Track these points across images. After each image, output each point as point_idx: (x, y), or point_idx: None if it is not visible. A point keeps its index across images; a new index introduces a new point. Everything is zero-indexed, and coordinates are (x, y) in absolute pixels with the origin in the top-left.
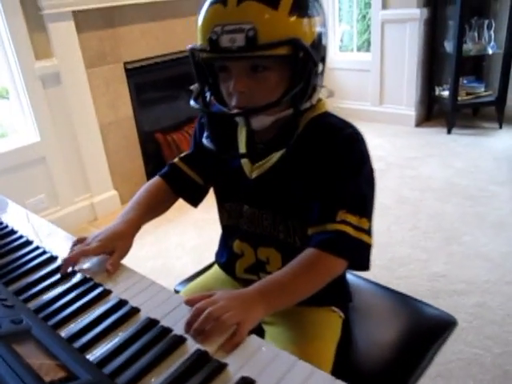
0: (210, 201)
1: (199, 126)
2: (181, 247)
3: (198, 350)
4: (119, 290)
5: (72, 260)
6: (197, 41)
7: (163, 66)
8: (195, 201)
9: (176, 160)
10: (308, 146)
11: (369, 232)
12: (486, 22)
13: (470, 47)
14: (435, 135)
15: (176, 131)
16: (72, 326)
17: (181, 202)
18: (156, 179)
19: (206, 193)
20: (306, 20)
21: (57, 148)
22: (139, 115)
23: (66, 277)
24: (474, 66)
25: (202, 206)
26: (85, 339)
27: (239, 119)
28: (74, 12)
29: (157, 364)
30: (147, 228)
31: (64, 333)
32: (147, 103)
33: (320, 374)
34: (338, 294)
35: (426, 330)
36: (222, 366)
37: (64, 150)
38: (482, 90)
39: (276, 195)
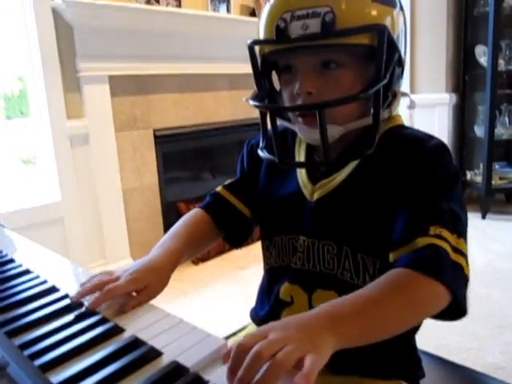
0: (233, 271)
1: (247, 149)
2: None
3: None
4: (135, 328)
5: (96, 305)
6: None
7: (191, 137)
8: (239, 238)
9: (219, 188)
10: (385, 159)
11: (467, 259)
12: None
13: (501, 131)
14: (470, 220)
15: (199, 203)
16: (67, 369)
17: (199, 271)
18: (195, 210)
19: (251, 230)
20: (390, 9)
21: (77, 209)
22: (164, 184)
23: (67, 310)
24: (506, 151)
25: (224, 276)
26: None
27: (300, 129)
28: (109, 76)
29: None
30: (156, 300)
31: (55, 377)
32: (173, 172)
33: None
34: (409, 364)
35: None
36: None
37: (84, 212)
38: None
39: (343, 221)
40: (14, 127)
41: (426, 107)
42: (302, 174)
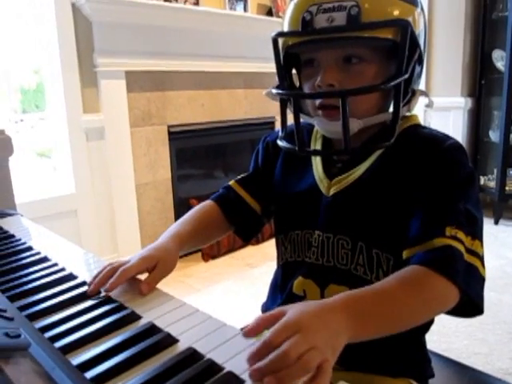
0: (243, 269)
1: (263, 145)
2: None
3: None
4: (151, 315)
5: (114, 287)
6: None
7: (205, 134)
8: (248, 232)
9: (231, 182)
10: (402, 157)
11: (483, 260)
12: None
13: None
14: None
15: None
16: (86, 352)
17: (209, 268)
18: (207, 202)
19: (261, 225)
20: (413, 8)
21: (90, 202)
22: (176, 179)
23: (86, 296)
24: None
25: (233, 274)
26: (101, 369)
27: (320, 122)
28: (126, 72)
29: None
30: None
31: (75, 359)
32: (185, 169)
33: None
34: (418, 363)
35: None
36: None
37: (97, 206)
38: None
39: (359, 216)
40: (30, 121)
41: (441, 111)
42: (318, 169)
